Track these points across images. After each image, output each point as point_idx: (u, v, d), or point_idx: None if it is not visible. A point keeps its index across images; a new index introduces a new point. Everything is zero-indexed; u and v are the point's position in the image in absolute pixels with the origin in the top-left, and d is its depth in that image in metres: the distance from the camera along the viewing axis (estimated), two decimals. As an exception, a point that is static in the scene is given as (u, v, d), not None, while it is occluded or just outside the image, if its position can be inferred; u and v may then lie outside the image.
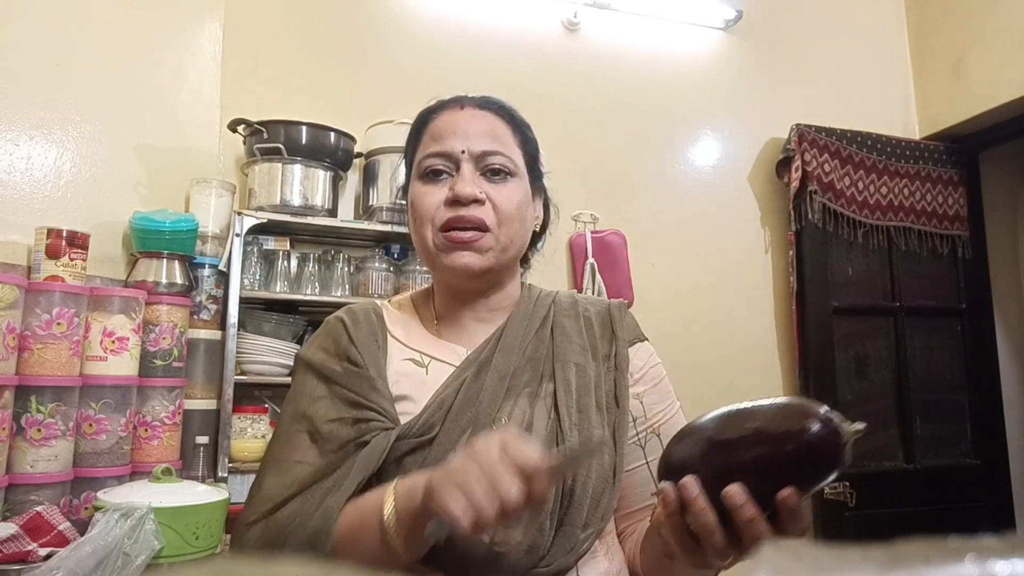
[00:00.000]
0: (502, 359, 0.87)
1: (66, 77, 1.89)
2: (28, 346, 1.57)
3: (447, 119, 0.90)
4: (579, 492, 0.80)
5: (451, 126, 0.89)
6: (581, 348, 0.91)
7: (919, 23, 3.06)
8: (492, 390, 0.84)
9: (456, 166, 0.88)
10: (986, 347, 2.90)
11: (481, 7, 2.57)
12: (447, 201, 0.86)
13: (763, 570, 0.20)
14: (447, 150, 0.88)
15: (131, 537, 1.36)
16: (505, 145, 0.90)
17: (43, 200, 1.82)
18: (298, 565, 0.23)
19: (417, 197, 0.89)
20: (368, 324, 0.91)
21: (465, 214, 0.85)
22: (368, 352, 0.87)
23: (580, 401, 0.86)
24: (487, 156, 0.88)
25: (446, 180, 0.88)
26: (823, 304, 2.68)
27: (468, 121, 0.89)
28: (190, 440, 1.88)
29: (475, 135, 0.88)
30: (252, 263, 2.05)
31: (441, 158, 0.88)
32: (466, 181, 0.86)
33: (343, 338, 0.90)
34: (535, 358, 0.89)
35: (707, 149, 2.81)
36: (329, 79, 2.38)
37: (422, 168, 0.89)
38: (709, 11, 2.77)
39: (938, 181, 2.88)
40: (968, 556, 0.20)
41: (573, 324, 0.94)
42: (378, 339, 0.90)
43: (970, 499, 2.73)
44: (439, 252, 0.87)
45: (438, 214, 0.86)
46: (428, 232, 0.87)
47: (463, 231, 0.85)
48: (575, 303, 0.97)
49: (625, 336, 0.94)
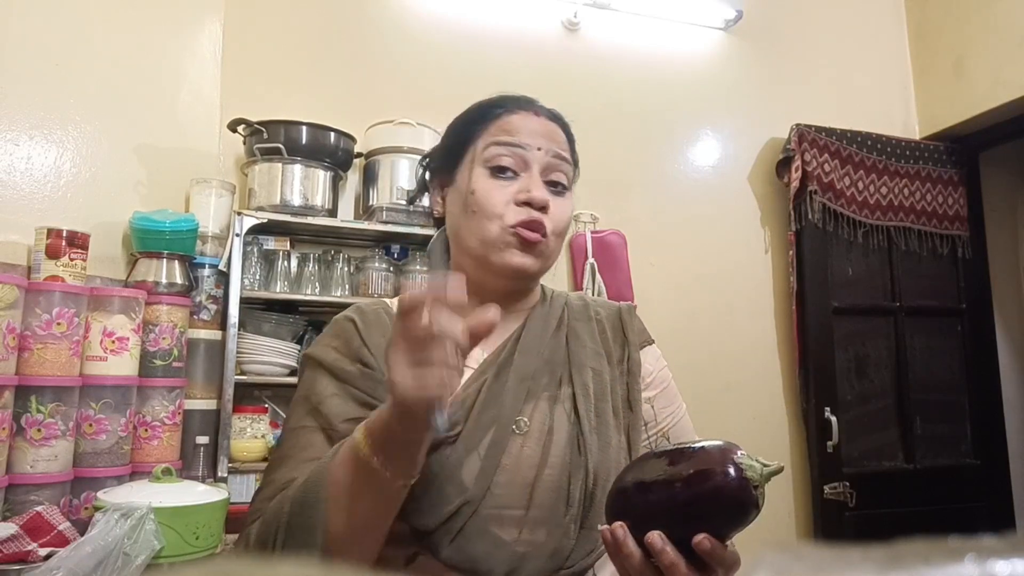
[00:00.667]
0: (522, 361, 0.88)
1: (66, 77, 1.89)
2: (28, 346, 1.57)
3: (523, 120, 0.90)
4: (599, 496, 0.81)
5: (527, 127, 0.89)
6: (595, 352, 0.92)
7: (919, 23, 3.06)
8: (513, 391, 0.85)
9: (524, 166, 0.88)
10: (986, 347, 2.90)
11: (481, 7, 2.58)
12: (518, 201, 0.86)
13: (763, 570, 0.20)
14: (523, 145, 0.88)
15: (131, 537, 1.36)
16: (567, 160, 0.91)
17: (43, 200, 1.82)
18: (298, 565, 0.23)
19: (484, 190, 0.87)
20: (379, 324, 0.90)
21: (539, 218, 0.86)
22: (380, 353, 0.86)
23: (598, 406, 0.87)
24: (555, 167, 0.89)
25: (512, 178, 0.88)
26: (823, 304, 2.68)
27: (543, 129, 0.90)
28: (190, 440, 1.88)
29: (548, 142, 0.89)
30: (252, 263, 2.05)
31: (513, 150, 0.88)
32: (539, 186, 0.87)
33: (355, 339, 0.89)
34: (552, 361, 0.90)
35: (707, 149, 2.81)
36: (329, 79, 2.38)
37: (490, 156, 0.88)
38: (709, 11, 2.77)
39: (938, 181, 2.88)
40: (968, 556, 0.20)
41: (586, 328, 0.94)
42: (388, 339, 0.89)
43: (970, 499, 2.73)
44: (501, 248, 0.86)
45: (509, 211, 0.86)
46: (494, 227, 0.86)
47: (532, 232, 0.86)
48: (586, 306, 0.98)
49: (635, 340, 0.95)
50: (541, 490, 0.80)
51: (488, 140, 0.89)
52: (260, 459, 1.94)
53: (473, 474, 0.79)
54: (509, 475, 0.81)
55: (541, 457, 0.82)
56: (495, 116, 0.91)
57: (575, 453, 0.83)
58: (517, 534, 0.78)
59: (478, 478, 0.79)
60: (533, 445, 0.83)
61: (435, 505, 0.77)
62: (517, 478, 0.80)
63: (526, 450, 0.82)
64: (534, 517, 0.79)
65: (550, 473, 0.81)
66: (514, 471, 0.81)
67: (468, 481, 0.79)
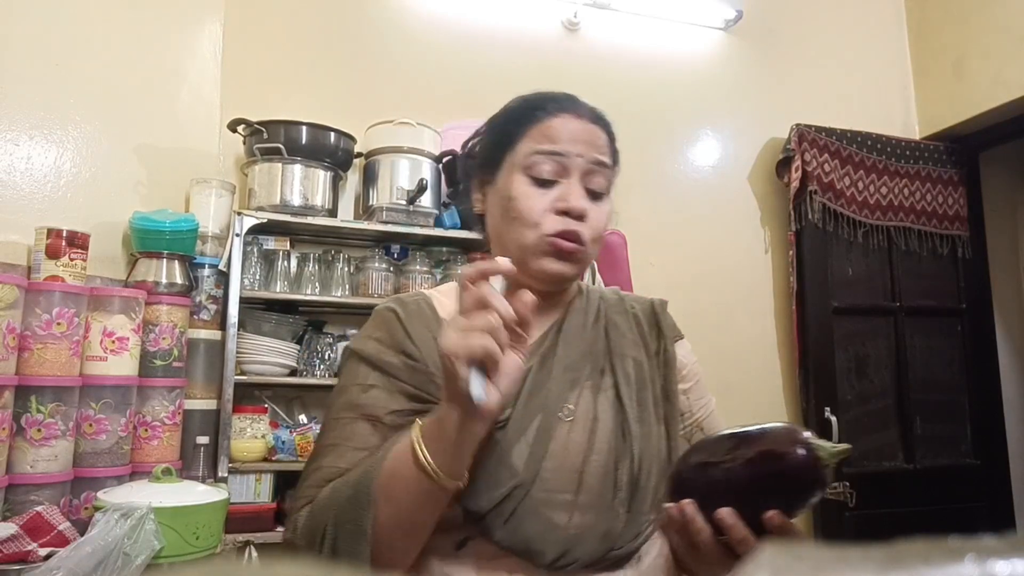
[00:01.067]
0: (565, 350, 0.90)
1: (66, 77, 1.89)
2: (28, 346, 1.57)
3: (565, 124, 0.90)
4: (644, 481, 0.84)
5: (569, 133, 0.89)
6: (634, 343, 0.94)
7: (919, 23, 3.06)
8: (559, 380, 0.88)
9: (564, 172, 0.88)
10: (986, 347, 2.90)
11: (481, 7, 2.58)
12: (557, 211, 0.87)
13: (763, 570, 0.20)
14: (563, 151, 0.88)
15: (131, 537, 1.36)
16: (606, 165, 0.92)
17: (43, 200, 1.82)
18: (298, 565, 0.23)
19: (523, 197, 0.88)
20: (421, 315, 0.92)
21: (577, 228, 0.87)
22: (424, 345, 0.88)
23: (639, 395, 0.90)
24: (594, 173, 0.90)
25: (552, 186, 0.88)
26: (823, 304, 2.68)
27: (585, 133, 0.90)
28: (190, 440, 1.88)
29: (588, 148, 0.89)
30: (252, 263, 2.05)
31: (554, 158, 0.88)
32: (579, 195, 0.88)
33: (398, 330, 0.90)
34: (593, 352, 0.92)
35: (707, 149, 2.81)
36: (329, 79, 2.38)
37: (529, 164, 0.89)
38: (709, 11, 2.77)
39: (938, 181, 2.88)
40: (968, 556, 0.20)
41: (623, 320, 0.97)
42: (433, 331, 0.90)
43: (970, 499, 2.73)
44: (538, 255, 0.88)
45: (546, 221, 0.87)
46: (532, 234, 0.87)
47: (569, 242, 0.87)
48: (621, 300, 1.01)
49: (670, 334, 0.98)
50: (589, 475, 0.83)
51: (529, 146, 0.89)
52: (260, 459, 1.94)
53: (523, 458, 0.82)
54: (557, 460, 0.83)
55: (588, 444, 0.84)
56: (537, 119, 0.91)
57: (620, 440, 0.86)
58: (568, 518, 0.80)
59: (528, 462, 0.82)
60: (579, 432, 0.85)
61: (488, 487, 0.79)
62: (565, 463, 0.83)
63: (573, 436, 0.85)
64: (584, 501, 0.81)
65: (597, 459, 0.84)
66: (562, 457, 0.83)
67: (518, 465, 0.81)
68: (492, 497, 0.79)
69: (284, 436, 1.96)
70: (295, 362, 2.04)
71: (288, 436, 1.97)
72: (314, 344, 2.09)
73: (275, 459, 1.95)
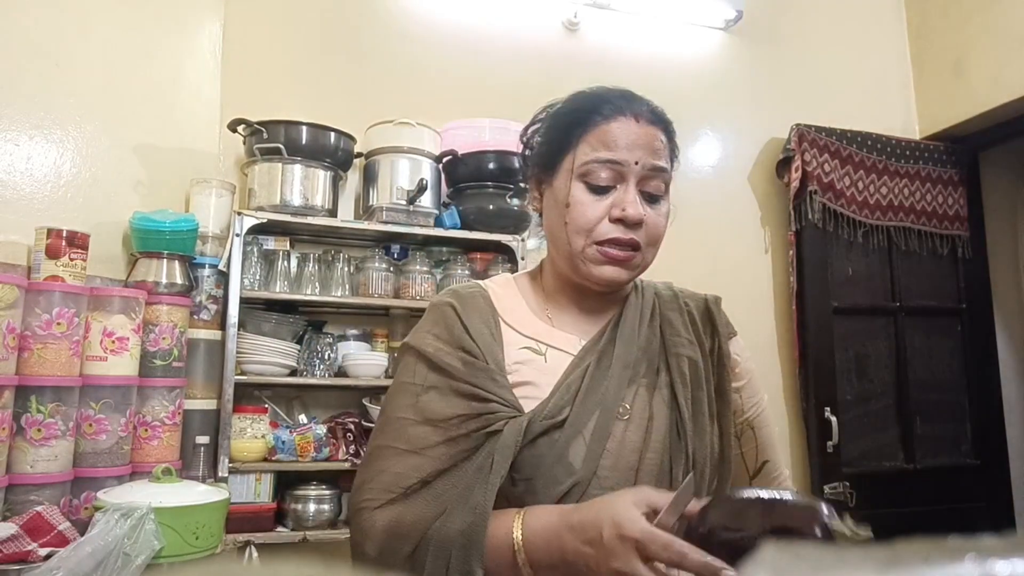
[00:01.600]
0: (623, 349, 0.91)
1: (66, 77, 1.89)
2: (28, 346, 1.56)
3: (622, 129, 0.89)
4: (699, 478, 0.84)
5: (626, 137, 0.88)
6: (689, 342, 0.95)
7: (919, 23, 3.06)
8: (617, 378, 0.88)
9: (622, 178, 0.88)
10: (986, 347, 2.90)
11: (481, 7, 2.57)
12: (612, 218, 0.87)
13: (763, 570, 0.20)
14: (620, 159, 0.88)
15: (131, 537, 1.36)
16: (667, 162, 0.92)
17: (43, 200, 1.82)
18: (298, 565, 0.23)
19: (579, 204, 0.88)
20: (478, 310, 0.92)
21: (629, 236, 0.87)
22: (483, 341, 0.88)
23: (695, 394, 0.90)
24: (651, 178, 0.89)
25: (608, 192, 0.88)
26: (823, 304, 2.68)
27: (643, 137, 0.89)
28: (190, 440, 1.88)
29: (646, 153, 0.89)
30: (252, 263, 2.05)
31: (611, 166, 0.88)
32: (635, 202, 0.87)
33: (456, 325, 0.89)
34: (649, 350, 0.92)
35: (707, 149, 2.81)
36: (329, 79, 2.38)
37: (587, 171, 0.88)
38: (709, 11, 2.77)
39: (938, 181, 2.88)
40: (968, 556, 0.20)
41: (678, 318, 0.97)
42: (490, 326, 0.91)
43: (970, 499, 2.72)
44: (591, 262, 0.89)
45: (600, 228, 0.87)
46: (581, 241, 0.88)
47: (620, 249, 0.88)
48: (676, 296, 1.01)
49: (724, 331, 0.99)
50: (644, 473, 0.83)
51: (586, 152, 0.89)
52: (260, 459, 1.94)
53: (580, 456, 0.82)
54: (614, 459, 0.83)
55: (643, 442, 0.85)
56: (594, 124, 0.90)
57: (675, 438, 0.86)
58: None
59: (585, 460, 0.82)
60: (635, 430, 0.86)
61: (547, 486, 0.81)
62: (621, 462, 0.83)
63: (629, 435, 0.85)
64: None
65: (652, 457, 0.84)
66: (618, 455, 0.84)
67: (576, 463, 0.82)
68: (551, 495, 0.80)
69: (284, 436, 1.96)
70: (295, 362, 2.04)
71: (288, 436, 1.97)
72: (314, 344, 2.10)
73: (275, 459, 1.95)
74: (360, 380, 2.04)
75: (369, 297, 2.11)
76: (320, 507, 1.96)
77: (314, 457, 1.96)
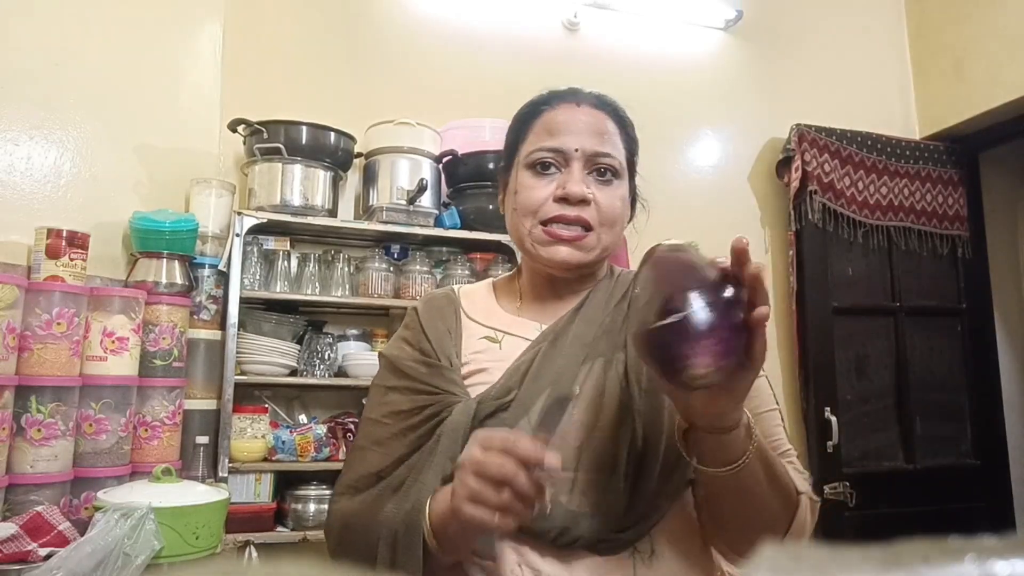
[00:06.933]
0: (583, 328, 0.91)
1: (66, 77, 1.89)
2: (28, 346, 1.57)
3: (563, 115, 0.92)
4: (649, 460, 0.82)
5: (566, 123, 0.91)
6: None
7: (919, 23, 3.06)
8: (569, 356, 0.88)
9: (567, 162, 0.90)
10: (986, 347, 2.90)
11: (481, 7, 2.57)
12: (555, 197, 0.89)
13: (763, 570, 0.20)
14: (561, 147, 0.90)
15: (131, 537, 1.36)
16: (614, 146, 0.92)
17: (43, 200, 1.82)
18: (298, 566, 0.23)
19: (524, 188, 0.91)
20: (439, 310, 0.96)
21: (571, 213, 0.88)
22: (437, 340, 0.92)
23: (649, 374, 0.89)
24: (598, 157, 0.90)
25: (554, 175, 0.90)
26: (823, 304, 2.68)
27: (583, 119, 0.91)
28: (190, 440, 1.88)
29: (588, 134, 0.90)
30: (252, 263, 2.05)
31: (553, 153, 0.90)
32: (576, 180, 0.88)
33: (417, 330, 0.94)
34: (612, 330, 0.92)
35: (707, 149, 2.81)
36: (329, 79, 2.38)
37: (532, 159, 0.91)
38: (709, 11, 2.77)
39: (938, 181, 2.88)
40: (968, 556, 0.20)
41: None
42: (449, 323, 0.94)
43: (970, 499, 2.72)
44: (536, 244, 0.90)
45: (544, 208, 0.89)
46: (528, 223, 0.90)
47: (566, 228, 0.88)
48: None
49: None
50: (589, 452, 0.83)
51: (533, 142, 0.92)
52: (260, 459, 1.94)
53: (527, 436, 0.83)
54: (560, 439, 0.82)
55: (592, 421, 0.84)
56: (539, 114, 0.94)
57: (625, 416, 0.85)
58: (570, 495, 0.80)
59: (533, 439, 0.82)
60: (584, 408, 0.85)
61: None
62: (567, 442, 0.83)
63: (577, 414, 0.85)
64: (584, 479, 0.81)
65: (599, 435, 0.83)
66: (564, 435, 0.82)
67: None
68: None
69: (284, 436, 1.97)
70: (295, 362, 2.04)
71: (288, 436, 1.97)
72: (314, 344, 2.10)
73: (275, 459, 1.95)
74: (360, 380, 2.04)
75: (369, 297, 2.11)
76: (320, 507, 1.96)
77: (314, 457, 1.96)
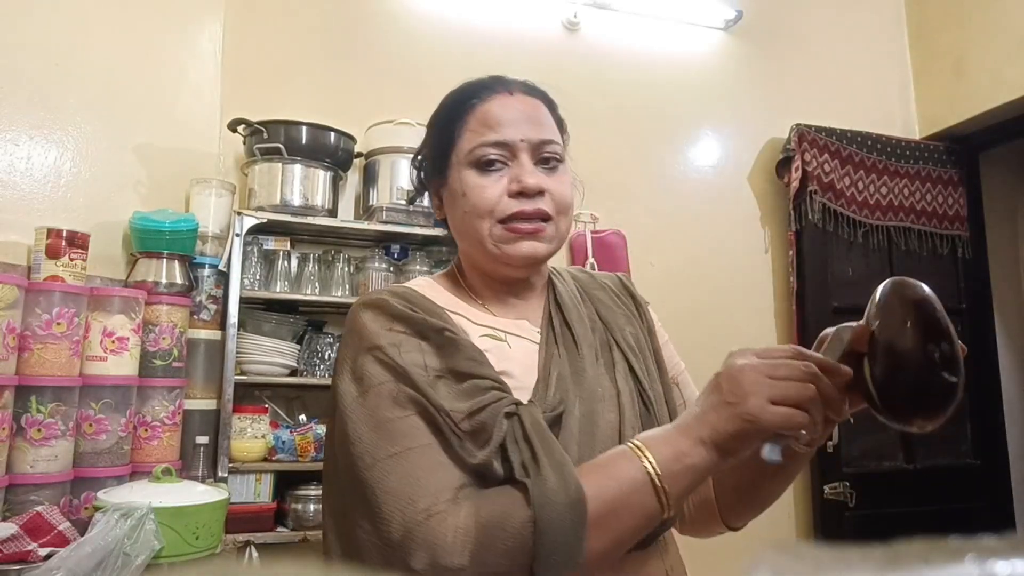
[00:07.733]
0: (582, 331, 0.90)
1: (66, 77, 1.89)
2: (28, 346, 1.57)
3: (497, 106, 0.88)
4: None
5: (503, 113, 0.87)
6: (625, 316, 0.96)
7: (919, 23, 3.06)
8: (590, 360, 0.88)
9: (514, 155, 0.86)
10: (986, 347, 2.90)
11: (481, 7, 2.57)
12: (510, 193, 0.85)
13: (763, 570, 0.20)
14: (504, 139, 0.86)
15: (131, 537, 1.36)
16: (553, 132, 0.90)
17: (43, 200, 1.82)
18: (298, 566, 0.23)
19: (474, 188, 0.86)
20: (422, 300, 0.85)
21: (529, 207, 0.85)
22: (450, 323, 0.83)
23: (646, 365, 0.91)
24: (543, 145, 0.88)
25: (501, 170, 0.86)
26: (823, 304, 2.68)
27: (519, 108, 0.88)
28: (190, 440, 1.88)
29: (529, 123, 0.87)
30: (252, 263, 2.05)
31: (498, 148, 0.86)
32: (529, 172, 0.85)
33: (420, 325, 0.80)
34: (595, 329, 0.92)
35: (707, 149, 2.81)
36: (329, 79, 2.38)
37: (474, 157, 0.86)
38: (709, 11, 2.77)
39: (938, 181, 2.88)
40: (968, 556, 0.20)
41: (604, 295, 0.98)
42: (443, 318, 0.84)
43: (970, 499, 2.72)
44: (499, 243, 0.86)
45: (500, 206, 0.85)
46: (486, 224, 0.85)
47: (527, 222, 0.85)
48: (591, 276, 1.02)
49: (642, 300, 1.01)
50: None
51: (471, 139, 0.87)
52: (260, 459, 1.94)
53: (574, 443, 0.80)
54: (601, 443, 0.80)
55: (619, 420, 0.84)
56: (470, 108, 0.90)
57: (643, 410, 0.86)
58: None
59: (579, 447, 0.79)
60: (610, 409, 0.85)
61: None
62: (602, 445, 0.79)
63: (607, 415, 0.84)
64: None
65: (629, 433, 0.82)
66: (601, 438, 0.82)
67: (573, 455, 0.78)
68: None
69: (284, 436, 1.97)
70: (295, 362, 2.04)
71: (288, 436, 1.97)
72: (314, 344, 2.10)
73: (275, 459, 1.95)
74: (360, 380, 2.04)
75: (369, 297, 2.11)
76: (320, 507, 1.96)
77: (314, 457, 1.96)
